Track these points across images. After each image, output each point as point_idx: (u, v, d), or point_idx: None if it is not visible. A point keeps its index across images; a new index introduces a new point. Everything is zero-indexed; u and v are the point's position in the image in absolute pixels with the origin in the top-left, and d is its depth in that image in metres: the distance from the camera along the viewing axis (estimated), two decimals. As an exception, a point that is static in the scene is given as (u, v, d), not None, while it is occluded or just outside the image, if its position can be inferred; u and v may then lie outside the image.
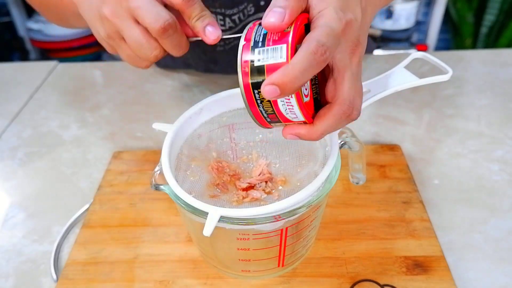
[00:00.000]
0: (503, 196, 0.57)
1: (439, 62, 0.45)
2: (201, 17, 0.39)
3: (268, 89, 0.29)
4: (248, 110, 0.33)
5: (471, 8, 1.98)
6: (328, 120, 0.33)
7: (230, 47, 0.67)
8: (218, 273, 0.47)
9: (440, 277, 0.46)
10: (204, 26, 0.39)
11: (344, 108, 0.32)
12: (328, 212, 0.53)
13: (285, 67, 0.29)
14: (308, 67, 0.28)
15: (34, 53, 2.08)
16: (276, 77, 0.29)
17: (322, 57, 0.29)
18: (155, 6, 0.37)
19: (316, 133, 0.33)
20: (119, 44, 0.41)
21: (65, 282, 0.47)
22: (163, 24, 0.36)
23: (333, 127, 0.33)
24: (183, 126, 0.44)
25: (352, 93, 0.32)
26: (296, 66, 0.28)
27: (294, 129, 0.34)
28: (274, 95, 0.29)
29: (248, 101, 0.32)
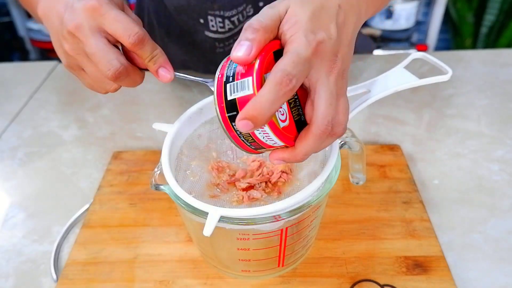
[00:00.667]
0: (503, 196, 0.57)
1: (439, 62, 0.45)
2: (152, 58, 0.39)
3: (241, 124, 0.30)
4: (232, 141, 0.34)
5: (471, 8, 1.98)
6: (308, 141, 0.33)
7: (229, 48, 0.67)
8: (218, 273, 0.47)
9: (440, 277, 0.46)
10: (157, 69, 0.40)
11: (322, 128, 0.32)
12: (328, 212, 0.53)
13: (253, 101, 0.30)
14: (275, 98, 0.29)
15: (34, 53, 2.08)
16: (246, 111, 0.30)
17: (288, 87, 0.29)
18: (107, 53, 0.37)
19: (299, 155, 0.33)
20: (80, 74, 0.42)
21: (65, 282, 0.47)
22: (114, 72, 0.37)
23: (315, 147, 0.33)
24: (183, 126, 0.44)
25: (330, 112, 0.32)
26: (263, 99, 0.29)
27: (278, 154, 0.34)
28: (248, 129, 0.30)
29: (230, 133, 0.33)
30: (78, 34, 0.38)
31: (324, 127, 0.32)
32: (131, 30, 0.37)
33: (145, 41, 0.38)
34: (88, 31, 0.37)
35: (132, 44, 0.37)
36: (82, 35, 0.38)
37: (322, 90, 0.32)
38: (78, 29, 0.38)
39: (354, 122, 0.69)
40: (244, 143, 0.34)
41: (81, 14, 0.38)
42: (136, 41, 0.37)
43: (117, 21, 0.37)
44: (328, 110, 0.32)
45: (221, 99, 0.32)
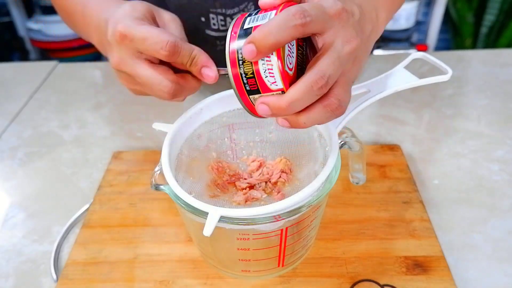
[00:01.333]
0: (503, 196, 0.57)
1: (439, 62, 0.45)
2: (192, 61, 0.38)
3: (246, 48, 0.29)
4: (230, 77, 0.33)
5: (471, 8, 1.98)
6: (298, 87, 0.31)
7: None
8: (218, 273, 0.47)
9: (440, 277, 0.46)
10: (199, 70, 0.39)
11: (315, 77, 0.31)
12: (328, 212, 0.53)
13: (262, 25, 0.30)
14: (285, 25, 0.29)
15: (34, 53, 2.08)
16: (253, 35, 0.29)
17: (300, 20, 0.29)
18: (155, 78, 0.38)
19: (284, 101, 0.31)
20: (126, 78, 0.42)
21: (65, 282, 0.47)
22: (169, 94, 0.38)
23: (303, 97, 0.31)
24: (183, 126, 0.44)
25: (330, 69, 0.31)
26: (273, 22, 0.29)
27: (265, 98, 0.33)
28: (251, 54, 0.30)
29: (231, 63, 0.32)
30: (123, 69, 0.38)
31: (318, 77, 0.31)
32: (160, 43, 0.36)
33: (178, 47, 0.37)
34: (129, 61, 0.38)
35: (167, 55, 0.37)
36: (127, 69, 0.38)
37: (331, 50, 0.32)
38: (121, 65, 0.38)
39: (354, 122, 0.69)
40: (241, 78, 0.32)
41: (116, 48, 0.38)
42: (170, 51, 0.37)
43: (145, 39, 0.37)
44: (328, 67, 0.31)
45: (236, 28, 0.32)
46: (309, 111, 0.33)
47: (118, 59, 0.38)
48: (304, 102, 0.32)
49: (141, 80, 0.38)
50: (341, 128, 0.42)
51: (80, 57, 1.97)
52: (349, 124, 0.43)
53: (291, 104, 0.31)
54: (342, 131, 0.43)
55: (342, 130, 0.43)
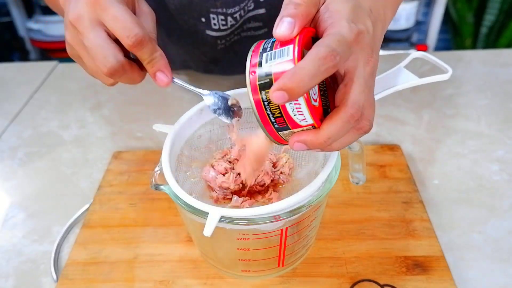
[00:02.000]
0: (503, 196, 0.57)
1: (438, 61, 0.45)
2: (151, 60, 0.38)
3: (276, 95, 0.29)
4: (256, 114, 0.32)
5: (471, 8, 1.98)
6: (335, 123, 0.32)
7: (230, 43, 0.67)
8: (218, 273, 0.47)
9: (440, 277, 0.46)
10: (155, 72, 0.39)
11: (352, 111, 0.31)
12: (328, 212, 0.53)
13: (292, 71, 0.29)
14: (316, 72, 0.28)
15: (34, 53, 2.08)
16: (283, 82, 0.29)
17: (331, 63, 0.29)
18: (104, 49, 0.37)
19: (322, 137, 0.32)
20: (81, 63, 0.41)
21: (65, 282, 0.47)
22: (109, 69, 0.37)
23: (340, 131, 0.32)
24: (184, 127, 0.44)
25: (362, 98, 0.32)
26: (304, 71, 0.28)
27: (301, 136, 0.33)
28: (282, 100, 0.29)
29: (256, 105, 0.32)
30: (78, 25, 0.37)
31: (354, 111, 0.31)
32: (130, 30, 0.36)
33: (144, 43, 0.37)
34: (87, 23, 0.37)
35: (130, 45, 0.36)
36: (81, 27, 0.37)
37: (357, 77, 0.32)
38: (78, 21, 0.37)
39: (354, 122, 0.69)
40: (268, 118, 0.32)
41: (83, 5, 0.37)
42: (134, 42, 0.36)
43: (116, 19, 0.36)
44: (360, 96, 0.32)
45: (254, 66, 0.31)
46: (343, 137, 0.33)
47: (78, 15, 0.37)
48: (342, 134, 0.32)
49: (89, 44, 0.37)
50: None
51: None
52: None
53: (330, 139, 0.32)
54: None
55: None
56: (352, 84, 0.32)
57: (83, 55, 0.39)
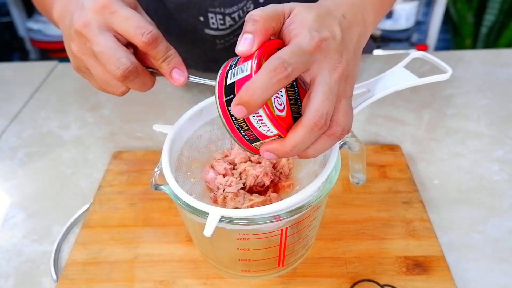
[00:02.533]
0: (503, 196, 0.57)
1: (438, 61, 0.45)
2: (166, 58, 0.37)
3: (235, 109, 0.30)
4: (228, 130, 0.34)
5: (471, 8, 1.98)
6: (298, 132, 0.32)
7: (230, 43, 0.67)
8: (218, 273, 0.47)
9: (440, 277, 0.46)
10: (170, 70, 0.38)
11: (314, 119, 0.31)
12: (328, 212, 0.53)
13: (246, 86, 0.30)
14: (268, 84, 0.29)
15: (34, 53, 2.08)
16: (239, 96, 0.30)
17: (282, 74, 0.29)
18: (117, 51, 0.36)
19: (287, 146, 0.32)
20: (90, 77, 0.40)
21: (65, 282, 0.47)
22: (123, 72, 0.35)
23: (306, 139, 0.32)
24: (183, 127, 0.44)
25: (325, 106, 0.32)
26: (256, 84, 0.29)
27: (268, 145, 0.33)
28: (241, 114, 0.30)
29: (226, 121, 0.33)
30: (86, 32, 0.36)
31: (316, 119, 0.31)
32: (144, 28, 0.36)
33: (159, 40, 0.36)
34: (96, 29, 0.36)
35: (145, 43, 0.36)
36: (89, 34, 0.36)
37: (320, 84, 0.32)
38: (85, 27, 0.36)
39: (354, 122, 0.68)
40: (239, 132, 0.34)
41: (90, 12, 0.36)
42: (150, 40, 0.36)
43: (129, 19, 0.36)
44: (323, 104, 0.31)
45: (221, 85, 0.33)
46: (315, 144, 0.33)
47: (85, 22, 0.36)
48: (308, 142, 0.33)
49: (100, 49, 0.36)
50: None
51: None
52: (349, 124, 0.43)
53: (295, 147, 0.32)
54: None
55: (342, 130, 0.43)
56: (315, 92, 0.32)
57: (92, 64, 0.38)
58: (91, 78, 0.40)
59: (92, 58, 0.37)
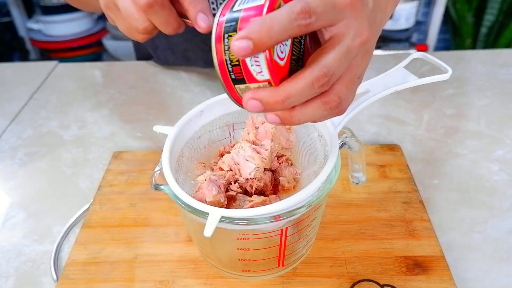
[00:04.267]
0: (502, 196, 0.57)
1: (438, 61, 0.45)
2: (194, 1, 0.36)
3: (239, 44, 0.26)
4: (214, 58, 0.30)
5: (470, 8, 1.98)
6: (296, 82, 0.28)
7: None
8: (218, 273, 0.47)
9: (440, 277, 0.46)
10: (196, 12, 0.36)
11: (318, 73, 0.28)
12: (328, 212, 0.53)
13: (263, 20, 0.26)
14: (288, 25, 0.26)
15: (34, 53, 2.08)
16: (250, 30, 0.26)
17: (304, 21, 0.26)
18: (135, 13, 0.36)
19: (280, 95, 0.29)
20: (116, 15, 0.40)
21: (65, 282, 0.47)
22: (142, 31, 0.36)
23: (302, 93, 0.29)
24: (184, 128, 0.44)
25: (335, 65, 0.28)
26: (275, 20, 0.26)
27: (256, 93, 0.29)
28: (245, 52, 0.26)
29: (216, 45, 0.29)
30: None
31: (321, 73, 0.28)
32: None
33: None
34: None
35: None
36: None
37: (340, 44, 0.29)
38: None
39: (354, 122, 0.69)
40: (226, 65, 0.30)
41: None
42: None
43: None
44: (334, 62, 0.28)
45: (226, 7, 0.29)
46: (305, 107, 0.30)
47: None
48: (302, 98, 0.29)
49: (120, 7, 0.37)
50: (341, 128, 0.42)
51: (80, 57, 1.97)
52: (349, 124, 0.43)
53: (287, 99, 0.29)
54: (342, 131, 0.43)
55: (342, 130, 0.43)
56: (330, 49, 0.29)
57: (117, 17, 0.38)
58: (118, 16, 0.40)
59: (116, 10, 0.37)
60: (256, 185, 0.43)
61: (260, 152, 0.42)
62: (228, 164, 0.43)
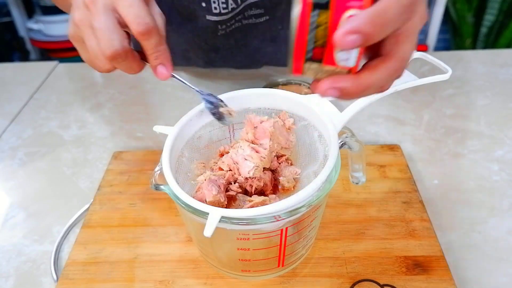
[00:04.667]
0: (502, 196, 0.57)
1: (438, 61, 0.45)
2: (155, 52, 0.39)
3: (349, 38, 0.27)
4: (292, 33, 0.28)
5: (470, 8, 1.98)
6: (380, 73, 0.30)
7: (231, 30, 0.67)
8: (218, 273, 0.47)
9: (440, 277, 0.46)
10: (157, 65, 0.39)
11: (399, 65, 0.31)
12: (328, 212, 0.53)
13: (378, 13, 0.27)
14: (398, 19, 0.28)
15: (34, 53, 2.08)
16: (364, 24, 0.27)
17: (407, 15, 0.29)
18: (112, 33, 0.37)
19: (361, 86, 0.30)
20: (80, 46, 0.42)
21: (65, 282, 0.47)
22: (112, 53, 0.37)
23: (381, 82, 0.31)
24: (184, 128, 0.44)
25: (408, 55, 0.31)
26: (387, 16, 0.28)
27: (338, 82, 0.30)
28: (353, 45, 0.27)
29: (300, 20, 0.27)
30: (92, 6, 0.37)
31: (401, 65, 0.31)
32: (142, 18, 0.37)
33: (152, 34, 0.38)
34: (102, 6, 0.37)
35: (138, 32, 0.37)
36: (94, 9, 0.37)
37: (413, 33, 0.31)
38: (92, 3, 0.37)
39: (354, 122, 0.69)
40: (306, 43, 0.28)
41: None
42: (144, 30, 0.37)
43: (131, 6, 0.37)
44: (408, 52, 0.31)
45: None
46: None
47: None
48: (380, 86, 0.32)
49: (98, 25, 0.37)
50: (341, 128, 0.42)
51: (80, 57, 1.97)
52: (349, 124, 0.43)
53: (368, 89, 0.31)
54: (342, 131, 0.43)
55: (342, 130, 0.43)
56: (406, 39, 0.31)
57: (88, 36, 0.39)
58: (83, 49, 0.41)
59: (90, 30, 0.39)
60: (256, 184, 0.43)
61: (259, 151, 0.43)
62: (227, 163, 0.43)
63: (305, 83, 0.71)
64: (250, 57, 0.76)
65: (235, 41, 0.69)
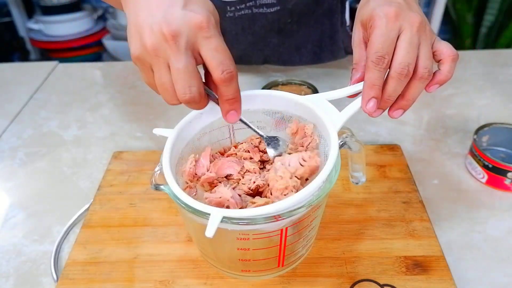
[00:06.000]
0: (503, 196, 0.57)
1: (438, 62, 0.45)
2: (232, 99, 0.38)
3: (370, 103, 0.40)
4: None
5: (470, 8, 1.98)
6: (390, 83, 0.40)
7: (240, 15, 0.66)
8: (218, 273, 0.47)
9: (439, 277, 0.46)
10: (228, 110, 0.39)
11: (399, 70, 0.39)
12: (328, 212, 0.53)
13: None
14: None
15: (34, 53, 2.08)
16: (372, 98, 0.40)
17: None
18: (192, 78, 0.36)
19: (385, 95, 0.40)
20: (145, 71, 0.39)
21: (65, 282, 0.47)
22: (189, 99, 0.36)
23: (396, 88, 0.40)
24: (183, 130, 0.44)
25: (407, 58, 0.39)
26: None
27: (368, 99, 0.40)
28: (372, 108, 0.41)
29: None
30: (172, 43, 0.35)
31: (400, 70, 0.38)
32: (226, 66, 0.36)
33: (233, 81, 0.37)
34: (183, 45, 0.35)
35: (221, 79, 0.36)
36: (175, 46, 0.35)
37: (402, 40, 0.38)
38: (175, 37, 0.35)
39: (354, 122, 0.69)
40: None
41: (185, 24, 0.35)
42: (227, 78, 0.36)
43: (217, 51, 0.36)
44: (405, 57, 0.38)
45: None
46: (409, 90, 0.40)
47: (176, 32, 0.35)
48: (399, 90, 0.40)
49: (178, 66, 0.35)
50: (341, 128, 0.42)
51: (80, 57, 1.97)
52: (349, 124, 0.43)
53: (391, 95, 0.40)
54: (342, 131, 0.43)
55: (342, 130, 0.43)
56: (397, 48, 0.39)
57: (160, 68, 0.37)
58: (148, 74, 0.39)
59: (164, 64, 0.36)
60: None
61: None
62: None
63: (305, 83, 0.71)
64: (254, 45, 0.75)
65: (242, 29, 0.69)
